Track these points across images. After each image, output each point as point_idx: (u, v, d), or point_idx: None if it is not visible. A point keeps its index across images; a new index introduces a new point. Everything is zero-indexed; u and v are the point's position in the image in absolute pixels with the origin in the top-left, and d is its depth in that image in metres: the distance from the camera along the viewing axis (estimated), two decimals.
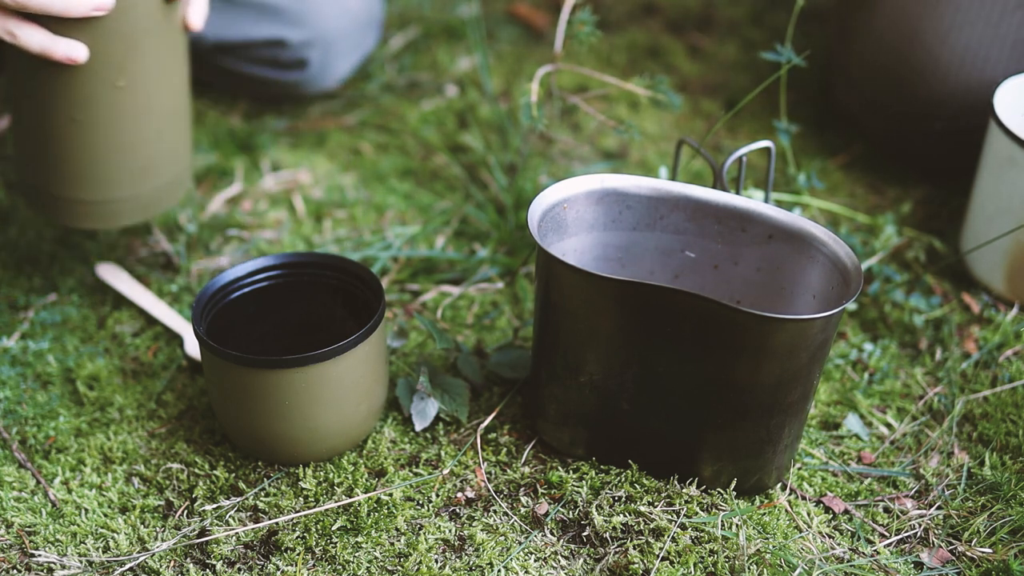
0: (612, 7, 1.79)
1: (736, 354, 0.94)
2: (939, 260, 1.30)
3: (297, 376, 0.98)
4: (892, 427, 1.11)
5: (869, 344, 1.20)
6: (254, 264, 1.08)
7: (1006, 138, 1.18)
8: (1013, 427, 1.11)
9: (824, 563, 0.97)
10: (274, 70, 1.49)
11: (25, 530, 1.01)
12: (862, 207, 1.39)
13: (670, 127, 1.54)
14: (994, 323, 1.22)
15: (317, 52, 1.47)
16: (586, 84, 1.61)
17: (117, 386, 1.14)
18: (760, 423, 0.98)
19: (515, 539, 1.00)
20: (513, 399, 1.12)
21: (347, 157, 1.49)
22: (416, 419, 1.09)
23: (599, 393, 1.01)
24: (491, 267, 1.29)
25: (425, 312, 1.24)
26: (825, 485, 1.05)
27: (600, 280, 0.95)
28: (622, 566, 0.96)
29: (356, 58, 1.53)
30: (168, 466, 1.06)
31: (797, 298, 1.03)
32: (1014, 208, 1.19)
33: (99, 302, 1.25)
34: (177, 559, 0.98)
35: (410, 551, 0.98)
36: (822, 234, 1.00)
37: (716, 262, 1.06)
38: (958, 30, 1.31)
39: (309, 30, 1.45)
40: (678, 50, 1.70)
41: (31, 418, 1.11)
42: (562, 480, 1.04)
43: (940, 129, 1.34)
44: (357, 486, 1.03)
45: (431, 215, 1.38)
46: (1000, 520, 1.02)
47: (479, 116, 1.55)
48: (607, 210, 1.05)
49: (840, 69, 1.46)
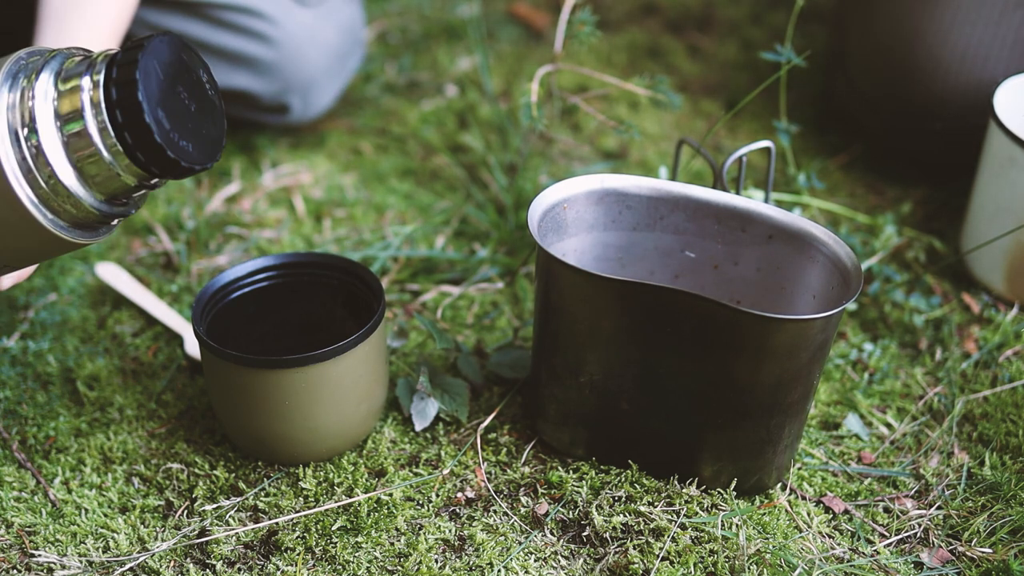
0: (612, 7, 1.79)
1: (736, 354, 0.94)
2: (939, 260, 1.30)
3: (297, 376, 0.98)
4: (892, 427, 1.11)
5: (869, 344, 1.20)
6: (254, 264, 1.08)
7: (1006, 138, 1.18)
8: (1013, 427, 1.11)
9: (824, 563, 0.97)
10: (255, 112, 1.44)
11: (25, 530, 1.01)
12: (862, 207, 1.39)
13: (670, 127, 1.54)
14: (994, 323, 1.22)
15: (297, 97, 1.42)
16: (586, 84, 1.61)
17: (117, 386, 1.14)
18: (760, 423, 0.98)
19: (515, 539, 1.00)
20: (513, 399, 1.12)
21: (347, 157, 1.49)
22: (416, 419, 1.09)
23: (599, 393, 1.01)
24: (491, 267, 1.29)
25: (425, 312, 1.24)
26: (825, 485, 1.05)
27: (600, 280, 0.95)
28: (622, 566, 0.96)
29: (340, 85, 1.47)
30: (168, 466, 1.06)
31: (797, 298, 1.03)
32: (1014, 208, 1.19)
33: (99, 302, 1.25)
34: (177, 559, 0.98)
35: (410, 551, 0.98)
36: (822, 234, 1.00)
37: (716, 262, 1.06)
38: (958, 29, 1.31)
39: (286, 79, 1.39)
40: (678, 50, 1.70)
41: (31, 418, 1.11)
42: (562, 480, 1.04)
43: (940, 129, 1.34)
44: (357, 486, 1.03)
45: (431, 215, 1.38)
46: (1000, 520, 1.02)
47: (479, 116, 1.55)
48: (607, 210, 1.05)
49: (840, 69, 1.46)
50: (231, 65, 1.38)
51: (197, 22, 1.36)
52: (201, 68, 0.92)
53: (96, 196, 0.89)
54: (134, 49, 0.86)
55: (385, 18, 1.77)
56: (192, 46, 0.91)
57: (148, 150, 0.86)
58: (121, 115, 0.85)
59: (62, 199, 0.87)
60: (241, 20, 1.36)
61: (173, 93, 0.88)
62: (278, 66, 1.38)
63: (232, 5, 1.35)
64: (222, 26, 1.36)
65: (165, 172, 0.89)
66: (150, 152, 0.86)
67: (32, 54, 0.90)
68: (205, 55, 1.37)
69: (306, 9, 1.39)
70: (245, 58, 1.37)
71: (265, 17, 1.36)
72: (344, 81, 1.48)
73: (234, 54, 1.37)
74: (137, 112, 0.85)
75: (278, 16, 1.37)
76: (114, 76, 0.85)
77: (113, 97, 0.85)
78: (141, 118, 0.85)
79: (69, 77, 0.87)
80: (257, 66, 1.38)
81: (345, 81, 1.48)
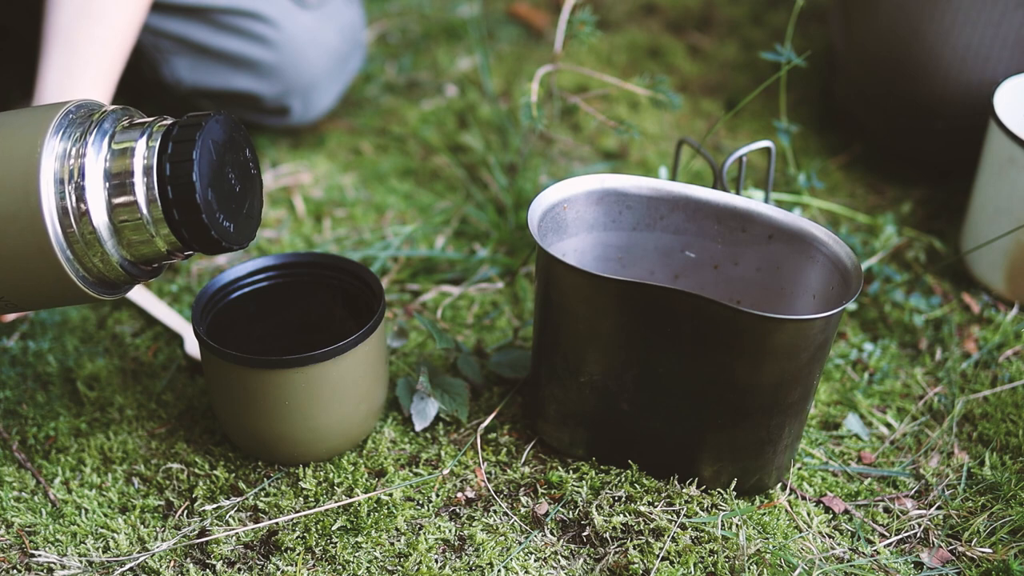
0: (612, 7, 1.79)
1: (736, 354, 0.94)
2: (939, 260, 1.30)
3: (297, 376, 0.98)
4: (892, 427, 1.11)
5: (869, 344, 1.20)
6: (254, 264, 1.08)
7: (1006, 138, 1.18)
8: (1013, 427, 1.11)
9: (824, 563, 0.97)
10: (256, 114, 1.44)
11: (25, 530, 1.01)
12: (862, 207, 1.39)
13: (670, 127, 1.54)
14: (994, 323, 1.22)
15: (298, 100, 1.42)
16: (586, 84, 1.61)
17: (117, 386, 1.14)
18: (760, 423, 0.98)
19: (515, 539, 1.00)
20: (513, 399, 1.12)
21: (347, 157, 1.49)
22: (416, 419, 1.09)
23: (599, 393, 1.01)
24: (491, 267, 1.29)
25: (425, 312, 1.24)
26: (825, 485, 1.05)
27: (600, 280, 0.95)
28: (622, 566, 0.96)
29: (341, 87, 1.48)
30: (168, 466, 1.06)
31: (797, 298, 1.03)
32: (1014, 208, 1.19)
33: (99, 302, 1.25)
34: (177, 559, 0.98)
35: (410, 551, 0.98)
36: (822, 234, 1.00)
37: (716, 262, 1.06)
38: (959, 29, 1.31)
39: (287, 82, 1.39)
40: (678, 50, 1.70)
41: (31, 418, 1.11)
42: (562, 480, 1.04)
43: (941, 128, 1.34)
44: (357, 486, 1.03)
45: (431, 215, 1.38)
46: (1000, 520, 1.02)
47: (479, 116, 1.55)
48: (607, 210, 1.05)
49: (841, 68, 1.46)
50: (232, 68, 1.38)
51: (198, 25, 1.36)
52: (247, 146, 0.94)
53: (127, 258, 0.91)
54: (191, 127, 0.88)
55: (385, 18, 1.77)
56: (241, 124, 0.93)
57: (193, 228, 0.89)
58: (173, 192, 0.87)
59: (94, 255, 0.89)
60: (242, 23, 1.36)
61: (222, 173, 0.90)
62: (279, 69, 1.38)
63: (233, 8, 1.35)
64: (223, 29, 1.36)
65: (203, 248, 0.91)
66: (194, 230, 0.89)
67: (83, 107, 0.91)
68: (206, 58, 1.37)
69: (307, 12, 1.39)
70: (246, 61, 1.38)
71: (266, 20, 1.36)
72: (344, 83, 1.48)
73: (235, 57, 1.37)
74: (189, 192, 0.87)
75: (279, 19, 1.37)
76: (169, 152, 0.88)
77: (167, 173, 0.87)
78: (192, 198, 0.87)
79: (123, 140, 0.89)
80: (258, 69, 1.38)
81: (345, 83, 1.48)
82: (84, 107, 0.92)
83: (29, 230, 0.87)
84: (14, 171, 0.87)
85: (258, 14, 1.36)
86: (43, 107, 0.91)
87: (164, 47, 1.37)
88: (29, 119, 0.89)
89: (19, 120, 0.89)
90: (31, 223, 0.87)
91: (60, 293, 0.91)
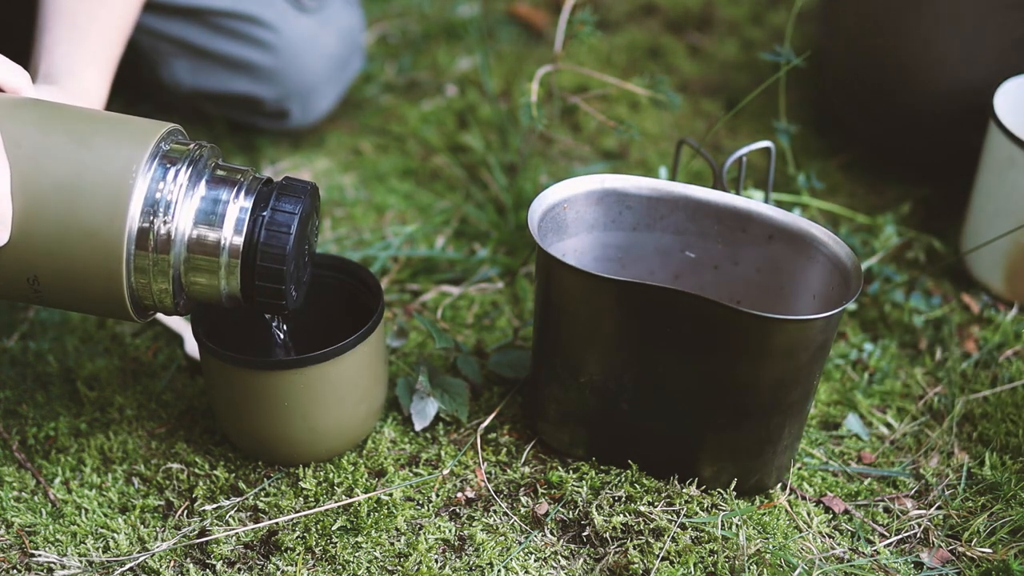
0: (612, 7, 1.79)
1: (736, 354, 0.94)
2: (939, 260, 1.30)
3: (297, 377, 0.98)
4: (892, 427, 1.11)
5: (869, 344, 1.20)
6: None
7: (1006, 138, 1.18)
8: (1013, 427, 1.11)
9: (824, 563, 0.97)
10: (254, 117, 1.44)
11: (25, 530, 1.01)
12: (862, 207, 1.39)
13: (670, 127, 1.54)
14: (994, 323, 1.22)
15: (297, 103, 1.42)
16: (586, 84, 1.61)
17: (117, 386, 1.14)
18: (760, 423, 0.98)
19: (515, 539, 1.00)
20: (513, 399, 1.12)
21: (347, 157, 1.49)
22: (416, 419, 1.09)
23: (599, 393, 1.01)
24: (491, 267, 1.29)
25: (425, 312, 1.24)
26: (825, 485, 1.05)
27: (600, 280, 0.95)
28: (622, 566, 0.96)
29: (340, 90, 1.47)
30: (168, 466, 1.06)
31: (797, 298, 1.03)
32: (1014, 208, 1.19)
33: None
34: (177, 559, 0.98)
35: (410, 551, 0.98)
36: (822, 234, 1.00)
37: (716, 262, 1.06)
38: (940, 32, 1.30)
39: (286, 86, 1.39)
40: (678, 50, 1.70)
41: (31, 418, 1.11)
42: (562, 480, 1.04)
43: (928, 130, 1.33)
44: (357, 486, 1.03)
45: (431, 215, 1.38)
46: (1000, 520, 1.02)
47: (479, 116, 1.55)
48: (607, 210, 1.05)
49: (829, 72, 1.46)
50: (231, 71, 1.38)
51: (197, 28, 1.36)
52: (318, 216, 0.96)
53: (181, 295, 0.91)
54: (292, 199, 0.90)
55: (385, 19, 1.77)
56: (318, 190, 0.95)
57: (268, 294, 0.91)
58: (261, 258, 0.89)
59: (156, 286, 0.90)
60: (242, 27, 1.36)
61: (301, 247, 0.92)
62: (278, 73, 1.38)
63: (233, 12, 1.35)
64: (223, 33, 1.36)
65: (262, 308, 0.93)
66: (268, 295, 0.91)
67: (174, 133, 0.92)
68: (205, 61, 1.37)
69: (306, 16, 1.39)
70: (245, 65, 1.38)
71: (265, 24, 1.36)
72: (343, 87, 1.48)
73: (234, 60, 1.37)
74: (278, 260, 0.89)
75: (278, 23, 1.37)
76: (267, 220, 0.89)
77: (260, 239, 0.89)
78: (280, 269, 0.89)
79: (217, 187, 0.90)
80: (257, 73, 1.38)
81: (345, 87, 1.48)
82: (176, 134, 0.92)
83: (104, 249, 0.87)
84: (104, 189, 0.87)
85: (257, 18, 1.36)
86: (138, 125, 0.90)
87: (163, 49, 1.37)
88: (124, 135, 0.89)
89: (115, 133, 0.89)
90: (109, 244, 0.87)
91: (100, 305, 0.92)
